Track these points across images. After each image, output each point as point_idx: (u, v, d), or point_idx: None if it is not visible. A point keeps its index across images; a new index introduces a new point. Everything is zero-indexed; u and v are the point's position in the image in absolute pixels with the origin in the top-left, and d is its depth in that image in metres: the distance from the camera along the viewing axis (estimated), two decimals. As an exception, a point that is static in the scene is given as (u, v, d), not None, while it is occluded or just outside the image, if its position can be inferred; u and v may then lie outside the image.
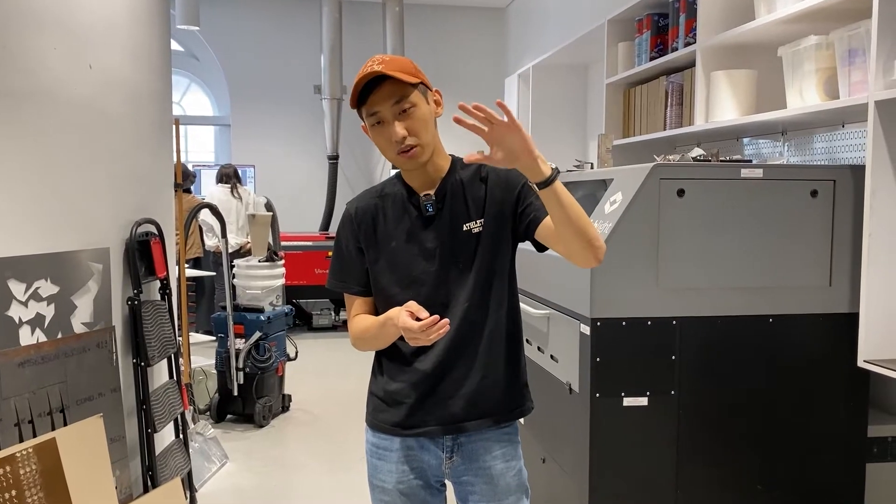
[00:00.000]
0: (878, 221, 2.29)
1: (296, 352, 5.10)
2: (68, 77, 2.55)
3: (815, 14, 2.66)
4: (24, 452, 2.07)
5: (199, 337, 5.34)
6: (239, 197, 6.94)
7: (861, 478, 2.58)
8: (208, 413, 4.79)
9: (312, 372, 6.00)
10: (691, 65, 3.48)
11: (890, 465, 2.63)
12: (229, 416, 4.84)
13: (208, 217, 6.37)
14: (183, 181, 4.17)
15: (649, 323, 2.43)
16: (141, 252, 2.95)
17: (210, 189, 7.23)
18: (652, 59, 3.88)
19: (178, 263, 3.89)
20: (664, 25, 3.88)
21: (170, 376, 3.23)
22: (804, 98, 2.72)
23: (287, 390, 5.10)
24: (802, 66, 2.71)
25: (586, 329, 2.44)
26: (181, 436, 3.30)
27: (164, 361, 3.16)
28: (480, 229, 1.69)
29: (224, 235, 4.63)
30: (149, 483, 2.87)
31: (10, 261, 2.30)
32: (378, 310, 1.75)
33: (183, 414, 3.30)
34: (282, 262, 5.29)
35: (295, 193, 8.57)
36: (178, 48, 9.17)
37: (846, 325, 2.48)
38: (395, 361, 1.73)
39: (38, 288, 2.40)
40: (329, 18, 7.99)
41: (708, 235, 2.46)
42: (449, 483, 1.81)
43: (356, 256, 1.74)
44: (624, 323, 2.42)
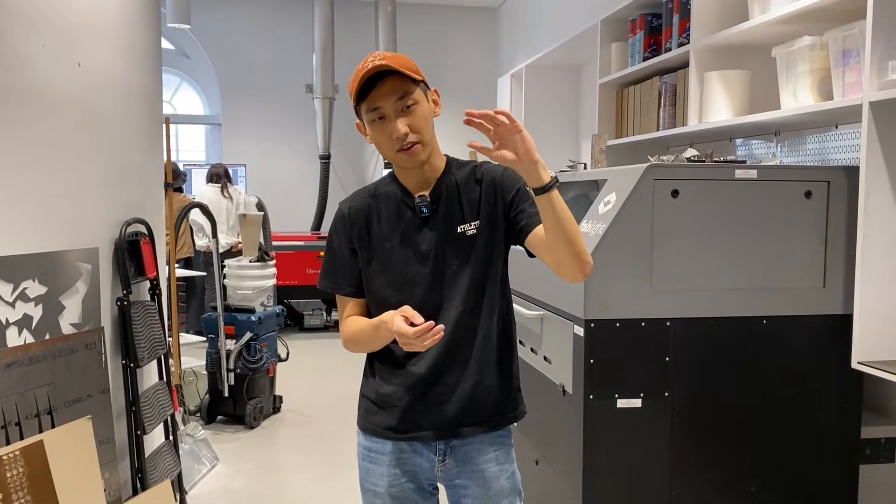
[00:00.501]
0: (873, 222, 2.29)
1: (287, 352, 5.07)
2: (57, 75, 2.52)
3: (809, 15, 2.66)
4: (11, 455, 2.04)
5: (190, 337, 5.30)
6: (229, 196, 6.90)
7: (854, 479, 2.57)
8: (198, 414, 4.76)
9: (304, 373, 5.97)
10: (685, 65, 3.48)
11: (883, 467, 2.63)
12: (220, 418, 4.80)
13: (198, 217, 6.33)
14: (173, 180, 4.14)
15: (643, 324, 2.42)
16: (130, 252, 2.91)
17: (200, 189, 7.19)
18: (645, 60, 3.88)
19: (169, 263, 3.85)
20: (657, 25, 3.87)
21: (159, 377, 3.19)
22: (798, 99, 2.72)
23: (278, 391, 5.07)
24: (796, 67, 2.70)
25: (580, 330, 2.43)
26: (171, 437, 3.27)
27: (154, 362, 3.13)
28: (475, 231, 1.67)
29: (215, 235, 4.59)
30: (138, 486, 2.84)
31: (-3, 261, 2.26)
32: (370, 311, 1.73)
33: (173, 415, 3.27)
34: (273, 262, 5.25)
35: (286, 193, 8.53)
36: (169, 46, 9.11)
37: (839, 327, 2.48)
38: (388, 364, 1.71)
39: (26, 288, 2.37)
40: (321, 17, 7.96)
41: (702, 236, 2.45)
42: (441, 486, 1.79)
43: (349, 257, 1.72)
44: (618, 324, 2.41)
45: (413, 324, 1.49)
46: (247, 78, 8.62)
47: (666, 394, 2.44)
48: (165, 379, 3.20)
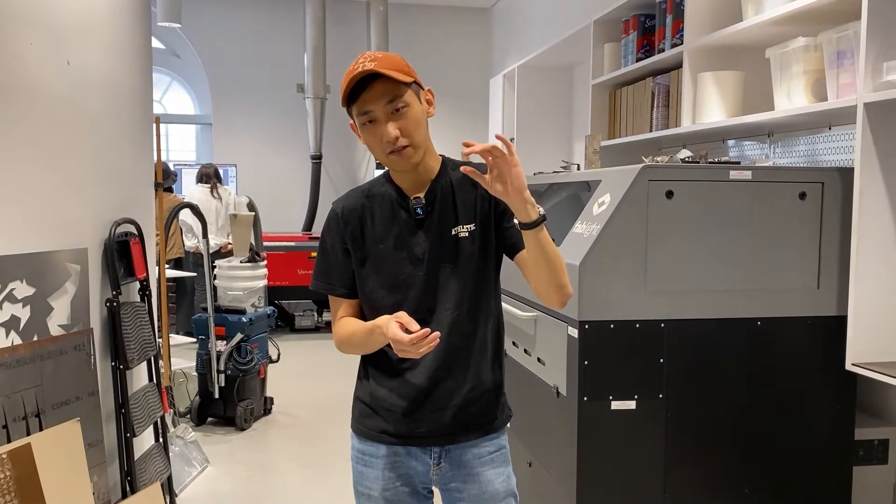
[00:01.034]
0: (867, 224, 2.29)
1: (278, 354, 5.03)
2: (46, 73, 2.49)
3: (804, 16, 2.65)
4: (-2, 459, 2.01)
5: (180, 339, 5.25)
6: (219, 197, 6.85)
7: (848, 481, 2.57)
8: (189, 416, 4.72)
9: (295, 374, 5.94)
10: (678, 66, 3.47)
11: (876, 468, 2.63)
12: (210, 419, 4.77)
13: (188, 217, 6.29)
14: (163, 180, 4.10)
15: (637, 325, 2.41)
16: (120, 252, 2.89)
17: (190, 189, 7.15)
18: (638, 60, 3.87)
19: (159, 264, 3.82)
20: (651, 26, 3.87)
21: (149, 379, 3.17)
22: (792, 100, 2.71)
23: (269, 393, 5.04)
24: (790, 68, 2.70)
25: (574, 332, 2.42)
26: (161, 440, 3.24)
27: (144, 364, 3.10)
28: (468, 234, 1.65)
29: (205, 236, 4.56)
30: (127, 489, 2.81)
31: (-16, 261, 2.23)
32: (364, 312, 1.71)
33: (163, 417, 3.24)
34: (264, 263, 5.22)
35: (277, 193, 8.49)
36: (159, 46, 9.06)
37: (833, 328, 2.47)
38: (383, 367, 1.69)
39: (13, 289, 2.34)
40: (312, 17, 7.93)
41: (696, 237, 2.44)
42: (436, 489, 1.77)
43: (342, 257, 1.70)
44: (612, 325, 2.40)
45: (409, 330, 1.47)
46: (237, 77, 8.58)
47: (660, 395, 2.43)
48: (155, 381, 3.17)
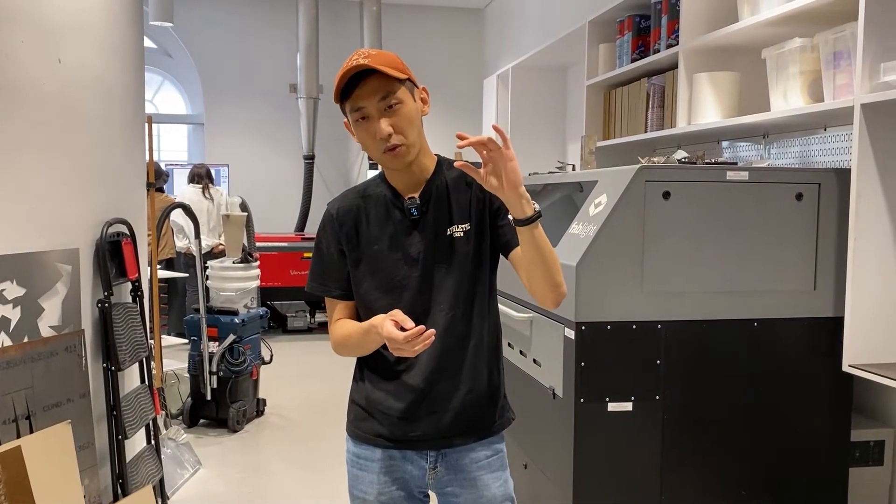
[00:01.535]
0: (864, 225, 2.28)
1: (271, 355, 5.01)
2: (37, 72, 2.46)
3: (800, 16, 2.65)
4: (-12, 462, 1.98)
5: (172, 340, 5.22)
6: (210, 198, 6.82)
7: (844, 482, 2.57)
8: (181, 418, 4.69)
9: (288, 375, 5.91)
10: (673, 67, 3.47)
11: (872, 469, 2.63)
12: (202, 421, 4.73)
13: (178, 218, 6.25)
14: (155, 180, 4.07)
15: (634, 327, 2.40)
16: (112, 253, 2.86)
17: (182, 189, 7.11)
18: (633, 61, 3.86)
19: (151, 264, 3.79)
20: (646, 27, 3.86)
21: (141, 381, 3.14)
22: (788, 101, 2.71)
23: (262, 394, 5.01)
24: (787, 69, 2.69)
25: (570, 333, 2.40)
26: (153, 442, 3.21)
27: (136, 365, 3.07)
28: (464, 235, 1.63)
29: (197, 236, 4.53)
30: (119, 491, 2.78)
31: (-26, 262, 2.20)
32: (359, 314, 1.70)
33: (155, 419, 3.21)
34: (257, 264, 5.19)
35: (270, 193, 8.45)
36: (151, 45, 9.01)
37: (830, 330, 2.47)
38: (379, 369, 1.67)
39: (4, 290, 2.31)
40: (305, 16, 7.90)
41: (693, 238, 2.43)
42: (432, 493, 1.75)
43: (337, 258, 1.68)
44: (608, 327, 2.39)
45: (404, 328, 1.45)
46: (230, 77, 8.53)
47: (657, 397, 2.42)
48: (147, 382, 3.15)
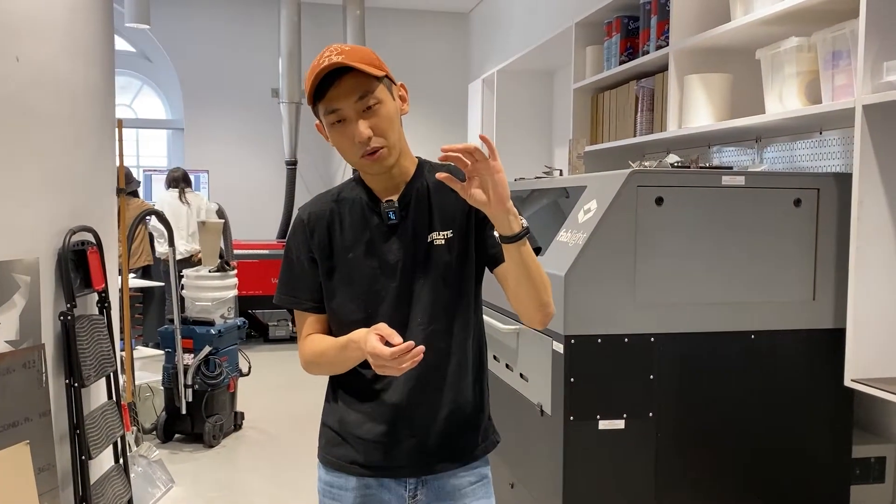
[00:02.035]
0: (866, 232, 2.17)
1: (249, 367, 4.86)
2: (-9, 70, 2.31)
3: (796, 15, 2.55)
4: (-71, 491, 1.83)
5: (147, 351, 5.06)
6: (188, 202, 6.65)
7: (845, 500, 2.46)
8: (154, 433, 4.53)
9: (268, 387, 5.75)
10: (663, 68, 3.36)
11: (874, 487, 2.52)
12: (177, 436, 4.58)
13: (158, 224, 6.09)
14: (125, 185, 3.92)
15: (626, 340, 2.29)
16: (76, 262, 2.71)
17: (160, 194, 6.96)
18: (622, 63, 3.76)
19: (121, 273, 3.64)
20: (634, 28, 3.76)
21: (108, 396, 2.98)
22: (784, 103, 2.60)
23: (240, 407, 4.86)
24: (782, 70, 2.59)
25: (559, 346, 2.28)
26: (121, 461, 3.05)
27: (103, 381, 2.92)
28: (445, 242, 1.51)
29: (171, 243, 4.38)
30: (82, 515, 2.63)
31: (-81, 273, 2.05)
32: (331, 328, 1.56)
33: (123, 437, 3.05)
34: (234, 273, 5.04)
35: (251, 200, 8.33)
36: (130, 48, 8.86)
37: (831, 342, 2.37)
38: (353, 389, 1.54)
39: (-47, 303, 2.16)
40: (287, 21, 7.79)
41: (687, 246, 2.33)
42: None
43: (308, 268, 1.55)
44: (599, 340, 2.27)
45: (390, 344, 1.32)
46: (210, 81, 8.40)
47: (650, 414, 2.30)
48: (115, 398, 2.99)
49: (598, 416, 2.28)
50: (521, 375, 2.64)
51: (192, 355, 4.41)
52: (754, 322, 2.37)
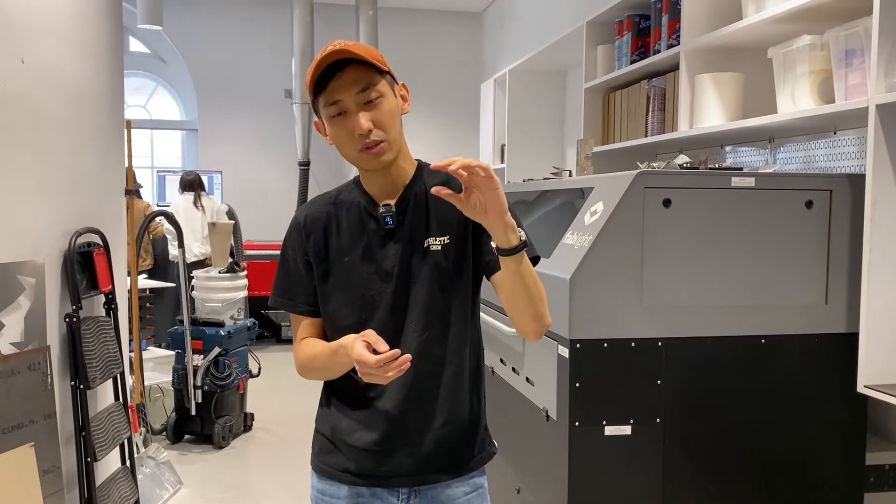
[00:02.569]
0: (879, 234, 2.12)
1: (259, 368, 4.85)
2: (-4, 72, 2.31)
3: (809, 13, 2.49)
4: (-71, 495, 1.83)
5: (158, 352, 5.07)
6: (202, 207, 6.67)
7: (859, 509, 2.40)
8: (164, 433, 4.53)
9: (278, 388, 5.74)
10: (675, 68, 3.31)
11: (888, 495, 2.46)
12: (187, 437, 4.58)
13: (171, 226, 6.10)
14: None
15: (633, 344, 2.24)
16: (83, 264, 2.71)
17: (175, 198, 6.97)
18: (633, 63, 3.71)
19: (130, 273, 3.64)
20: (646, 27, 3.71)
21: (115, 398, 2.98)
22: (796, 102, 2.55)
23: (249, 408, 4.85)
24: (795, 69, 2.54)
25: (564, 351, 2.24)
26: (128, 462, 3.05)
27: (110, 382, 2.92)
28: (441, 248, 1.48)
29: (181, 245, 4.38)
30: (87, 518, 2.63)
31: (-78, 276, 2.05)
32: (326, 333, 1.54)
33: (130, 438, 3.05)
34: (244, 274, 5.03)
35: (264, 200, 8.34)
36: (144, 49, 8.90)
37: (843, 347, 2.32)
38: (346, 395, 1.51)
39: (-44, 306, 2.16)
40: (300, 21, 7.77)
41: (696, 249, 2.28)
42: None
43: (304, 271, 1.53)
44: (605, 344, 2.23)
45: (377, 351, 1.29)
46: (224, 82, 8.42)
47: (657, 420, 2.26)
48: (122, 399, 2.99)
49: (605, 422, 2.24)
50: (528, 379, 2.61)
51: (202, 356, 4.41)
52: (764, 326, 2.32)
